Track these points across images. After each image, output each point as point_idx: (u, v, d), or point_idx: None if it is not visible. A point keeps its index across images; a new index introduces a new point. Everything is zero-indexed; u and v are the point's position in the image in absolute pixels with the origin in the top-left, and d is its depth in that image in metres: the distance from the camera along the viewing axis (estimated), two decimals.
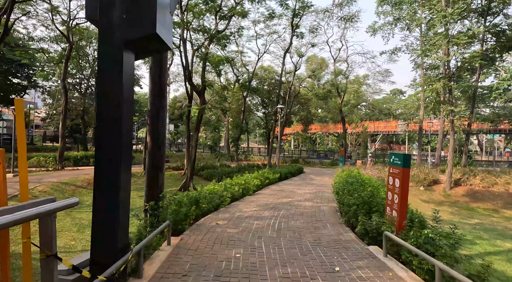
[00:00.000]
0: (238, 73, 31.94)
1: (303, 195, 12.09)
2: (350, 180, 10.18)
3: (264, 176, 14.72)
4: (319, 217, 8.06)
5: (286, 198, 11.14)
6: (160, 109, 6.35)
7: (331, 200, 11.13)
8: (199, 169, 24.63)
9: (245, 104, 31.23)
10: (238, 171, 21.95)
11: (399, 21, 31.17)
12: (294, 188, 14.42)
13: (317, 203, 10.38)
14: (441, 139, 27.86)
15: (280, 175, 17.21)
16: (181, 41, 18.62)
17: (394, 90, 70.60)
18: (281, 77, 23.94)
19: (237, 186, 10.97)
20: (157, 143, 6.39)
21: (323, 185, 16.35)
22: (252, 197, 11.30)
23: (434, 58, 19.01)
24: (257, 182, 12.90)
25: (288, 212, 8.54)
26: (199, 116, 18.95)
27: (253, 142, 76.64)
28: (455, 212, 17.06)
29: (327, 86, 34.72)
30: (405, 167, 5.69)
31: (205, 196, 8.62)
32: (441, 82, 18.73)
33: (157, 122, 6.34)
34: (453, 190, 20.10)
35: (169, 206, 6.49)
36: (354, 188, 8.45)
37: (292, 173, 20.16)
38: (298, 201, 10.68)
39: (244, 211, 8.45)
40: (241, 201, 10.21)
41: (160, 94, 6.33)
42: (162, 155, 6.50)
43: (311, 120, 44.48)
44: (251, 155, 38.73)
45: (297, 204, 9.90)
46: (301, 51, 31.29)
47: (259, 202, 10.06)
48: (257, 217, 7.74)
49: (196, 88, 19.27)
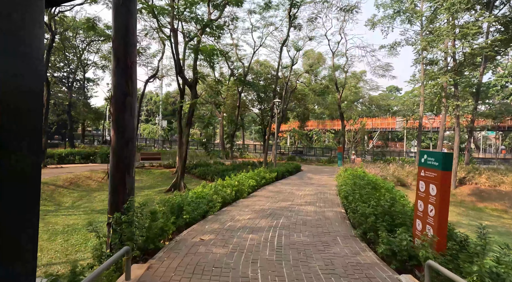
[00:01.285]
0: (233, 67, 30.36)
1: (303, 197, 10.70)
2: (359, 182, 8.81)
3: (260, 175, 13.30)
4: (325, 227, 6.66)
5: (284, 201, 9.73)
6: (127, 95, 4.87)
7: (335, 203, 9.76)
8: (191, 167, 23.19)
9: (240, 99, 29.73)
10: (232, 169, 20.56)
11: (400, 14, 29.83)
12: (292, 188, 13.02)
13: (320, 207, 8.99)
14: (442, 136, 26.67)
15: (277, 174, 15.81)
16: (172, 31, 17.06)
17: (390, 87, 69.54)
18: (277, 71, 22.47)
19: (230, 187, 9.54)
20: (123, 137, 4.91)
21: (323, 185, 14.99)
22: (247, 200, 9.87)
23: (442, 49, 17.64)
24: (253, 183, 11.48)
25: (289, 220, 7.14)
26: (191, 111, 17.43)
27: (249, 139, 75.17)
28: (462, 213, 15.84)
29: (325, 82, 33.33)
30: (445, 170, 4.29)
31: (190, 202, 7.17)
32: (447, 76, 17.43)
33: (123, 111, 4.86)
34: (458, 189, 18.93)
35: (140, 218, 5.03)
36: (367, 192, 7.08)
37: (289, 172, 18.79)
38: (298, 205, 9.29)
39: (236, 220, 7.02)
40: (234, 206, 8.77)
41: (127, 75, 4.84)
42: (131, 151, 5.03)
43: (308, 116, 43.11)
44: (247, 152, 37.28)
45: (298, 209, 8.50)
46: (298, 45, 29.82)
47: (254, 207, 8.64)
48: (252, 228, 6.31)
49: (187, 81, 17.74)
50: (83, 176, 18.94)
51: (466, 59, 18.12)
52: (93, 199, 15.77)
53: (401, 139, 69.73)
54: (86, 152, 23.60)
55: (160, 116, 41.11)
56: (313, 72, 33.03)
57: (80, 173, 19.30)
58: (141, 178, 21.25)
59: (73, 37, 27.77)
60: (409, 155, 38.16)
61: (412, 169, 20.24)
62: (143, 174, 22.36)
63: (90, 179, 19.00)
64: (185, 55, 19.08)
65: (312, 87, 34.91)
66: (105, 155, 24.45)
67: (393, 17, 30.93)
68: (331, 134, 44.38)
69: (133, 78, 4.89)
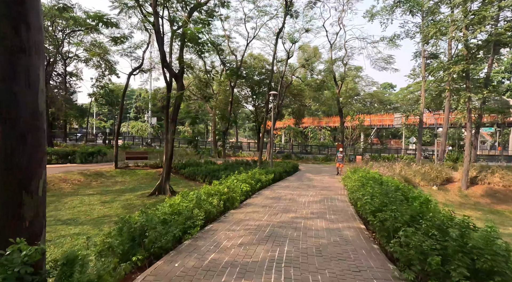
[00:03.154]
0: (225, 61, 28.02)
1: (308, 206, 8.59)
2: (378, 189, 6.72)
3: (255, 177, 11.15)
4: (350, 258, 4.55)
5: (286, 213, 7.61)
6: (18, 51, 2.66)
7: (349, 214, 7.68)
8: (180, 167, 21.00)
9: (233, 95, 27.47)
10: (224, 168, 18.46)
11: (399, 5, 27.90)
12: (293, 193, 10.91)
13: (333, 221, 6.90)
14: (446, 132, 24.93)
15: (274, 175, 13.68)
16: (154, 13, 14.71)
17: (384, 84, 68.12)
18: (273, 63, 20.27)
19: (217, 196, 7.37)
20: (13, 128, 2.72)
21: (326, 187, 12.94)
22: (239, 211, 7.71)
23: (455, 37, 15.68)
24: (246, 188, 9.32)
25: (296, 247, 5.00)
26: (176, 105, 15.17)
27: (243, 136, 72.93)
28: (481, 217, 13.94)
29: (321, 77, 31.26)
30: None
31: (158, 222, 4.96)
32: (460, 66, 15.49)
33: (12, 80, 2.66)
34: (470, 189, 17.09)
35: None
36: (399, 205, 5.01)
37: (287, 172, 16.70)
38: (304, 217, 7.18)
39: (222, 248, 4.85)
40: (222, 222, 6.61)
41: (17, 14, 2.64)
42: (31, 152, 2.82)
43: (303, 113, 41.07)
44: (240, 151, 35.05)
45: (305, 226, 6.39)
46: (294, 37, 27.72)
47: (248, 223, 6.49)
48: (244, 266, 4.15)
49: (172, 72, 15.45)
50: (56, 178, 16.52)
51: (479, 48, 16.23)
52: (62, 206, 13.38)
53: (395, 136, 68.45)
54: (63, 151, 21.10)
55: (149, 113, 38.38)
56: (309, 67, 30.91)
57: (53, 174, 16.84)
58: (124, 180, 18.97)
59: (52, 25, 25.06)
60: (407, 152, 36.48)
61: (419, 168, 18.35)
62: (127, 174, 20.05)
63: (64, 181, 16.60)
64: (172, 47, 16.83)
65: (308, 82, 32.83)
66: (87, 154, 22.01)
67: (392, 8, 29.07)
68: (327, 131, 42.41)
69: (32, 21, 2.70)
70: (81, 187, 16.44)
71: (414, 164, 19.35)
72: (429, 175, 17.95)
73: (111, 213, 11.98)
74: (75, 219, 11.48)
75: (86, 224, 10.88)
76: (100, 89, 29.68)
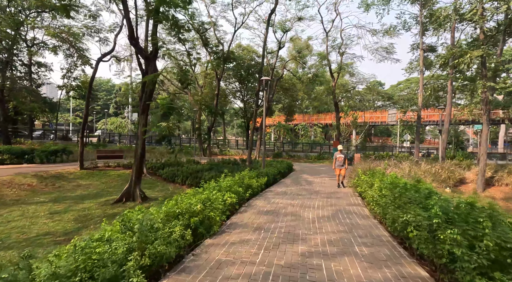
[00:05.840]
0: (211, 51, 24.92)
1: (320, 227, 5.79)
2: (444, 206, 4.01)
3: (244, 182, 8.25)
4: None
5: (291, 243, 4.78)
6: None
7: (384, 240, 4.94)
8: (158, 167, 17.99)
9: (219, 87, 24.47)
10: (209, 168, 15.58)
11: None
12: (294, 204, 8.08)
13: (369, 260, 4.12)
14: (447, 129, 22.78)
15: (268, 178, 10.82)
16: None
17: (373, 82, 66.26)
18: (264, 46, 17.34)
19: (184, 219, 4.47)
20: None
21: (332, 193, 10.22)
22: (218, 241, 4.79)
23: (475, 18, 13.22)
24: (232, 199, 6.42)
25: None
26: (148, 92, 12.10)
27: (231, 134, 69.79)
28: None
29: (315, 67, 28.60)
30: None
31: None
32: (479, 51, 13.08)
33: None
34: (487, 191, 14.81)
35: None
36: None
37: (282, 173, 13.91)
38: (321, 253, 4.36)
39: None
40: (183, 273, 3.69)
41: None
42: None
43: (294, 110, 38.37)
44: (228, 149, 32.04)
45: (328, 275, 3.57)
46: (286, 26, 24.97)
47: (230, 273, 3.61)
48: None
49: (142, 52, 12.37)
50: None
51: (498, 30, 13.92)
52: None
53: (385, 134, 66.92)
54: (19, 149, 17.55)
55: (129, 108, 34.62)
56: (301, 59, 28.22)
57: None
58: (89, 183, 15.68)
59: (9, 6, 21.26)
60: (401, 150, 34.45)
61: (429, 167, 15.95)
62: (94, 176, 16.79)
63: (10, 186, 13.20)
64: (148, 27, 13.68)
65: (300, 75, 30.14)
66: (48, 153, 18.53)
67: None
68: (319, 128, 39.90)
69: None
70: (30, 193, 13.09)
71: (423, 162, 16.95)
72: (440, 176, 15.57)
73: (57, 229, 8.82)
74: (1, 240, 8.23)
75: (14, 247, 7.70)
76: (72, 80, 26.10)
